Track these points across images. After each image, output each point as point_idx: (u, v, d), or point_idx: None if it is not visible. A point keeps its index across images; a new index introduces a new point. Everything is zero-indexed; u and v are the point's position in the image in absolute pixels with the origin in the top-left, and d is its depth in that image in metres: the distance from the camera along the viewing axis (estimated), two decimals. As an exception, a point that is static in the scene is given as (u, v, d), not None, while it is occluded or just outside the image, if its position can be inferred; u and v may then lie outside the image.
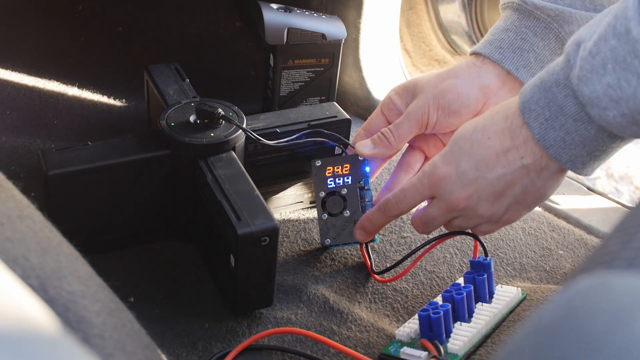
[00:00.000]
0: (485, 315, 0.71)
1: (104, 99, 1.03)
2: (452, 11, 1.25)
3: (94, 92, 1.04)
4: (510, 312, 0.74)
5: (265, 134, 0.80)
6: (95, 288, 0.47)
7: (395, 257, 0.82)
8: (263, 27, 0.91)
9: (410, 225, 0.86)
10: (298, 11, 0.93)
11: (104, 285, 0.49)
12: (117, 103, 1.03)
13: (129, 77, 1.06)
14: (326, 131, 0.82)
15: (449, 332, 0.68)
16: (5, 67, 1.03)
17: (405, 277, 0.79)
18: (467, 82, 0.74)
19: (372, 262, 0.80)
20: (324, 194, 0.80)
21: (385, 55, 1.10)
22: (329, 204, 0.80)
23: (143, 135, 0.80)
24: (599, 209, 0.95)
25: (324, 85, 0.97)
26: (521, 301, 0.75)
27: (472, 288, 0.72)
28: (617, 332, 0.31)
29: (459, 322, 0.70)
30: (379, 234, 0.83)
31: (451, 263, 0.82)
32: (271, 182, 0.84)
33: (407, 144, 0.81)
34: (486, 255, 0.76)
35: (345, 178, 0.80)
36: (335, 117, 0.84)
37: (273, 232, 0.67)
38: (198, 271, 0.78)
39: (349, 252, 0.82)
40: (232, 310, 0.73)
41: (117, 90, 1.05)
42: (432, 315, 0.67)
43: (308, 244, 0.83)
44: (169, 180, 0.77)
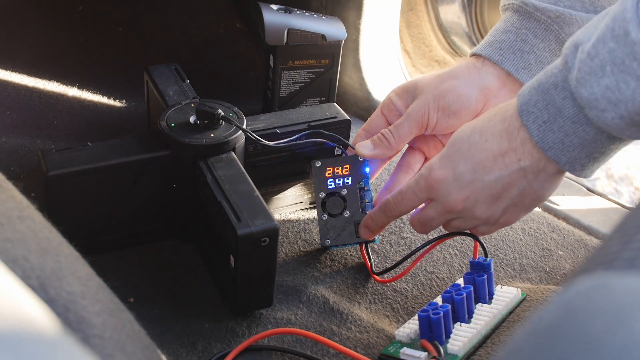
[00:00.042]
0: (485, 315, 0.71)
1: (104, 100, 1.03)
2: (452, 12, 1.25)
3: (94, 93, 1.04)
4: (510, 312, 0.74)
5: (265, 134, 0.80)
6: (95, 288, 0.47)
7: (395, 257, 0.82)
8: (263, 27, 0.91)
9: (410, 226, 0.86)
10: (298, 12, 0.93)
11: (104, 285, 0.49)
12: (117, 104, 1.03)
13: (129, 78, 1.06)
14: (326, 132, 0.82)
15: (448, 333, 0.68)
16: (5, 68, 1.03)
17: (405, 277, 0.79)
18: (467, 84, 0.74)
19: (372, 263, 0.80)
20: (323, 194, 0.80)
21: (385, 56, 1.10)
22: (329, 204, 0.80)
23: (143, 136, 0.80)
24: (599, 210, 0.95)
25: (324, 86, 0.97)
26: (521, 302, 0.75)
27: (472, 289, 0.72)
28: (617, 332, 0.31)
29: (458, 322, 0.70)
30: (379, 234, 0.83)
31: (451, 264, 0.82)
32: (271, 182, 0.84)
33: (407, 145, 0.81)
34: (486, 256, 0.76)
35: (345, 179, 0.80)
36: (335, 117, 0.84)
37: (273, 232, 0.67)
38: (198, 272, 0.78)
39: (348, 252, 0.82)
40: (232, 311, 0.73)
41: (117, 90, 1.05)
42: (432, 315, 0.67)
43: (308, 245, 0.83)
44: (169, 180, 0.77)
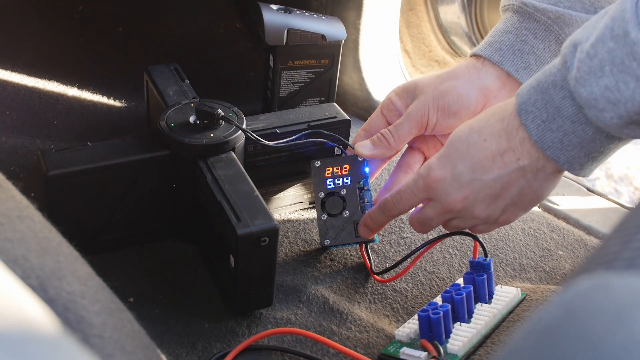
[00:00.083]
0: (484, 315, 0.71)
1: (104, 100, 1.03)
2: (452, 12, 1.25)
3: (93, 93, 1.04)
4: (510, 312, 0.74)
5: (265, 134, 0.80)
6: (95, 288, 0.47)
7: (395, 257, 0.82)
8: (263, 27, 0.91)
9: (409, 226, 0.86)
10: (298, 12, 0.93)
11: (104, 285, 0.49)
12: (117, 103, 1.03)
13: (128, 78, 1.06)
14: (326, 132, 0.82)
15: (448, 333, 0.68)
16: (5, 68, 1.03)
17: (405, 277, 0.79)
18: (467, 84, 0.74)
19: (372, 263, 0.80)
20: (323, 194, 0.80)
21: (385, 56, 1.10)
22: (328, 204, 0.80)
23: (143, 136, 0.80)
24: (599, 210, 0.95)
25: (323, 86, 0.97)
26: (521, 301, 0.75)
27: (472, 288, 0.72)
28: (616, 332, 0.31)
29: (458, 322, 0.70)
30: (378, 234, 0.83)
31: (451, 263, 0.82)
32: (271, 182, 0.84)
33: (406, 145, 0.81)
34: (486, 255, 0.76)
35: (345, 179, 0.80)
36: (335, 117, 0.84)
37: (273, 232, 0.67)
38: (198, 271, 0.78)
39: (348, 252, 0.82)
40: (231, 311, 0.73)
41: (117, 90, 1.05)
42: (431, 315, 0.67)
43: (308, 245, 0.83)
44: (169, 180, 0.77)
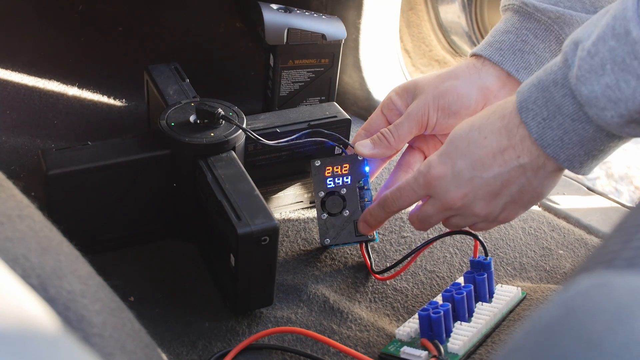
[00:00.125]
0: (485, 314, 0.71)
1: (104, 99, 1.03)
2: (452, 12, 1.25)
3: (94, 92, 1.04)
4: (510, 311, 0.74)
5: (265, 134, 0.80)
6: (95, 287, 0.47)
7: (395, 256, 0.82)
8: (263, 27, 0.91)
9: (410, 225, 0.86)
10: (298, 11, 0.93)
11: (104, 284, 0.49)
12: (117, 103, 1.03)
13: (129, 77, 1.06)
14: (326, 131, 0.82)
15: (449, 332, 0.68)
16: (5, 67, 1.03)
17: (406, 276, 0.79)
18: (467, 84, 0.74)
19: (372, 262, 0.80)
20: (323, 193, 0.80)
21: (385, 56, 1.10)
22: (328, 203, 0.80)
23: (143, 135, 0.80)
24: (599, 209, 0.95)
25: (324, 85, 0.97)
26: (521, 301, 0.75)
27: (472, 287, 0.72)
28: (617, 331, 0.31)
29: (459, 321, 0.70)
30: (379, 233, 0.83)
31: (451, 262, 0.82)
32: (271, 182, 0.84)
33: (407, 144, 0.81)
34: (486, 254, 0.76)
35: (345, 178, 0.80)
36: (335, 117, 0.84)
37: (273, 231, 0.67)
38: (198, 271, 0.78)
39: (349, 251, 0.82)
40: (232, 310, 0.73)
41: (117, 90, 1.05)
42: (432, 314, 0.67)
43: (308, 244, 0.83)
44: (169, 180, 0.77)
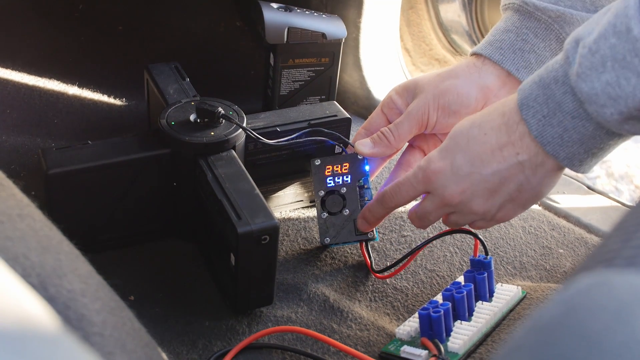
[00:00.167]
0: (485, 313, 0.71)
1: (104, 98, 1.03)
2: (453, 10, 1.25)
3: (94, 91, 1.04)
4: (511, 310, 0.74)
5: (266, 133, 0.80)
6: (95, 286, 0.47)
7: (395, 255, 0.82)
8: (263, 26, 0.91)
9: (410, 224, 0.86)
10: (298, 10, 0.93)
11: (104, 283, 0.49)
12: (117, 102, 1.03)
13: (129, 76, 1.06)
14: (326, 130, 0.82)
15: (449, 331, 0.68)
16: (5, 66, 1.03)
17: (406, 275, 0.79)
18: (468, 83, 0.74)
19: (372, 261, 0.80)
20: (323, 192, 0.80)
21: (385, 55, 1.10)
22: (328, 202, 0.80)
23: (143, 134, 0.80)
24: (599, 208, 0.95)
25: (324, 84, 0.97)
26: (521, 300, 0.75)
27: (473, 287, 0.72)
28: (617, 330, 0.31)
29: (459, 320, 0.70)
30: (379, 232, 0.83)
31: (451, 262, 0.82)
32: (271, 181, 0.84)
33: (407, 143, 0.81)
34: (486, 253, 0.76)
35: (345, 177, 0.80)
36: (335, 116, 0.84)
37: (273, 230, 0.67)
38: (198, 270, 0.78)
39: (349, 250, 0.82)
40: (232, 309, 0.73)
41: (117, 89, 1.05)
42: (432, 313, 0.67)
43: (308, 243, 0.83)
44: (169, 179, 0.77)
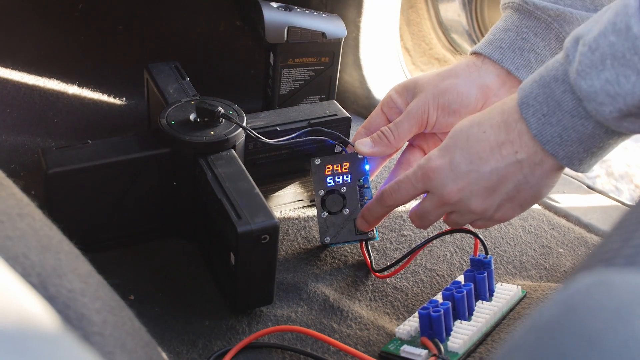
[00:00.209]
0: (485, 313, 0.71)
1: (104, 98, 1.03)
2: (452, 10, 1.25)
3: (94, 91, 1.04)
4: (511, 310, 0.74)
5: (266, 132, 0.80)
6: (95, 286, 0.47)
7: (395, 255, 0.82)
8: (263, 25, 0.91)
9: (410, 224, 0.86)
10: (298, 10, 0.93)
11: (104, 283, 0.49)
12: (117, 101, 1.03)
13: (129, 76, 1.06)
14: (326, 129, 0.82)
15: (449, 330, 0.68)
16: (5, 66, 1.03)
17: (406, 275, 0.79)
18: (467, 82, 0.74)
19: (372, 260, 0.80)
20: (323, 192, 0.80)
21: (385, 54, 1.10)
22: (328, 202, 0.80)
23: (143, 134, 0.80)
24: (599, 207, 0.95)
25: (324, 83, 0.97)
26: (521, 299, 0.75)
27: (473, 286, 0.72)
28: (617, 329, 0.31)
29: (459, 320, 0.70)
30: (379, 232, 0.83)
31: (451, 261, 0.82)
32: (271, 180, 0.84)
33: (407, 143, 0.81)
34: (486, 253, 0.76)
35: (345, 176, 0.80)
36: (335, 115, 0.84)
37: (273, 230, 0.67)
38: (198, 269, 0.78)
39: (349, 250, 0.82)
40: (232, 309, 0.73)
41: (117, 88, 1.04)
42: (432, 313, 0.67)
43: (308, 242, 0.83)
44: (169, 178, 0.77)
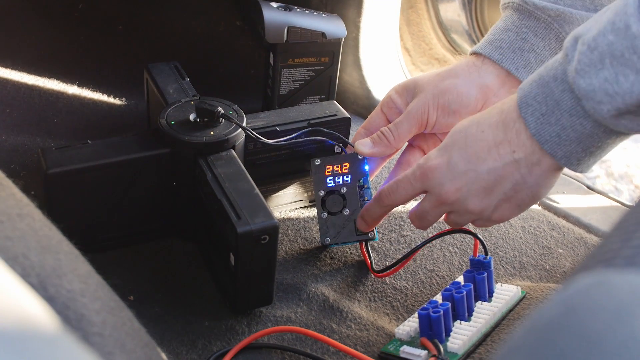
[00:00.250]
0: (485, 313, 0.71)
1: (104, 98, 1.03)
2: (452, 10, 1.25)
3: (93, 91, 1.04)
4: (510, 310, 0.74)
5: (265, 132, 0.80)
6: (94, 286, 0.47)
7: (395, 255, 0.82)
8: (263, 25, 0.91)
9: (409, 224, 0.86)
10: (298, 10, 0.93)
11: (104, 283, 0.49)
12: (117, 102, 1.03)
13: (128, 76, 1.06)
14: (326, 130, 0.82)
15: (448, 331, 0.68)
16: (5, 66, 1.03)
17: (405, 275, 0.79)
18: (467, 82, 0.74)
19: (372, 261, 0.80)
20: (323, 192, 0.80)
21: (385, 54, 1.10)
22: (328, 202, 0.80)
23: (143, 134, 0.80)
24: (599, 208, 0.95)
25: (323, 83, 0.97)
26: (521, 300, 0.75)
27: (472, 287, 0.72)
28: (616, 329, 0.31)
29: (458, 320, 0.70)
30: (379, 232, 0.83)
31: (451, 261, 0.82)
32: (271, 180, 0.84)
33: (406, 143, 0.81)
34: (486, 253, 0.76)
35: (345, 177, 0.80)
36: (335, 115, 0.84)
37: (273, 230, 0.67)
38: (198, 270, 0.78)
39: (348, 250, 0.82)
40: (231, 309, 0.73)
41: (117, 88, 1.04)
42: (431, 313, 0.67)
43: (308, 243, 0.83)
44: (169, 178, 0.77)
